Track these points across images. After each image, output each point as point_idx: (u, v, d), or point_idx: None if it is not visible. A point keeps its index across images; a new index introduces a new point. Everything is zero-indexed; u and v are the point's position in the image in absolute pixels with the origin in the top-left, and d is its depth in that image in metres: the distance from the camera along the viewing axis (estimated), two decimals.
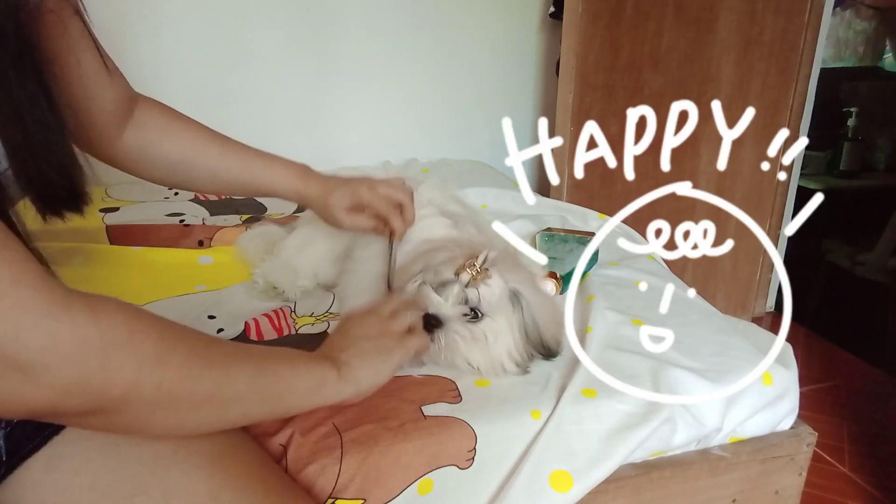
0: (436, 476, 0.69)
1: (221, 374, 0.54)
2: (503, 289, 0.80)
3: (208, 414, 0.54)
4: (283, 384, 0.61)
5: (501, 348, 0.80)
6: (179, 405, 0.51)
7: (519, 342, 0.81)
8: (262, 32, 1.83)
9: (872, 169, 2.82)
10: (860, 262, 2.25)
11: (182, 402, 0.51)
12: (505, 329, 0.80)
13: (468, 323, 0.79)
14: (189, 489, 0.54)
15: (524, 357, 0.82)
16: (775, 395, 0.84)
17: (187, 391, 0.51)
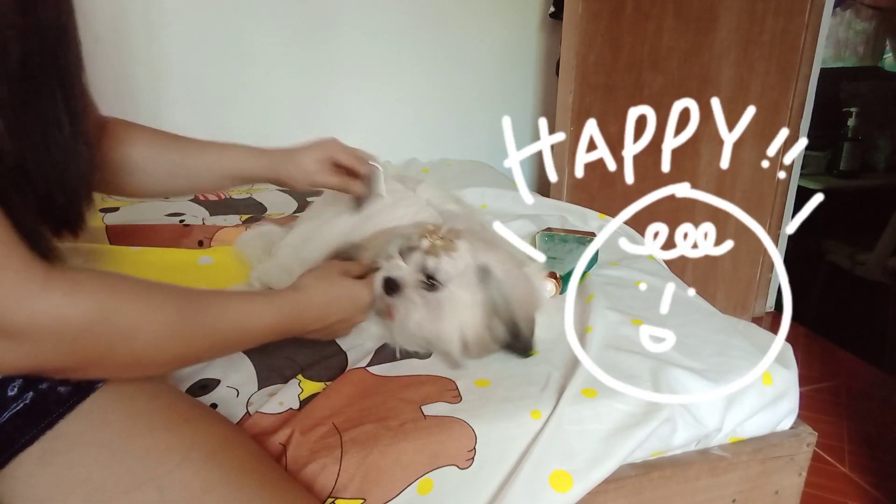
0: (435, 476, 0.69)
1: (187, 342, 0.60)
2: (468, 262, 0.80)
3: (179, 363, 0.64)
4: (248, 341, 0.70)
5: (455, 322, 0.79)
6: (153, 365, 0.58)
7: (479, 321, 0.80)
8: (262, 32, 1.83)
9: (872, 169, 2.81)
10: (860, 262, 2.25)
11: (155, 363, 0.58)
12: (465, 303, 0.79)
13: (425, 290, 0.79)
14: (183, 483, 0.54)
15: (484, 339, 0.80)
16: (775, 395, 0.84)
17: (160, 356, 0.58)
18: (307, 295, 0.74)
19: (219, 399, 0.75)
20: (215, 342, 0.64)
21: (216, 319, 0.63)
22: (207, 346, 0.64)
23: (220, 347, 0.67)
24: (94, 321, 0.50)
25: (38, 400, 0.57)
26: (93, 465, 0.54)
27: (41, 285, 0.48)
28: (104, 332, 0.51)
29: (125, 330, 0.53)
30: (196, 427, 0.60)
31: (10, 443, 0.54)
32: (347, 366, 0.83)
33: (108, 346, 0.52)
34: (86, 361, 0.52)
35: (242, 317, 0.66)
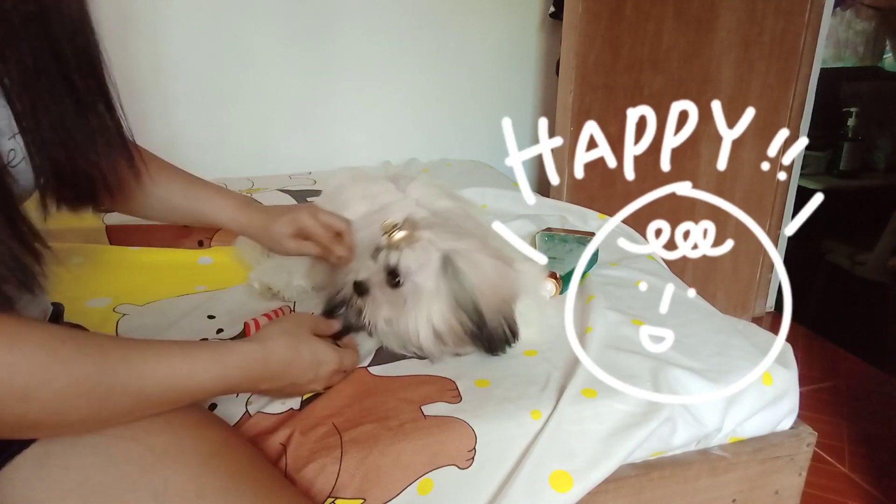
0: (435, 476, 0.69)
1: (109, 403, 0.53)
2: (430, 253, 0.78)
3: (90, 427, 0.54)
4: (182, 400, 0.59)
5: (422, 315, 0.78)
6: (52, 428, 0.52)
7: (447, 312, 0.78)
8: (262, 32, 1.83)
9: (872, 169, 2.81)
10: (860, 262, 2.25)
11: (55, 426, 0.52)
12: (429, 295, 0.78)
13: (388, 287, 0.79)
14: (178, 487, 0.54)
15: (456, 331, 0.79)
16: (775, 395, 0.84)
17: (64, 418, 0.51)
18: (266, 350, 0.66)
19: (218, 399, 0.75)
20: (138, 403, 0.55)
21: (137, 379, 0.54)
22: (128, 408, 0.55)
23: (145, 408, 0.57)
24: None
25: None
26: (89, 469, 0.54)
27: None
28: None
29: (19, 388, 0.46)
30: (193, 431, 0.60)
31: (7, 446, 0.54)
32: None
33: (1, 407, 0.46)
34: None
35: (176, 377, 0.57)
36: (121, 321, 0.95)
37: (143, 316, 0.97)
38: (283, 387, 0.70)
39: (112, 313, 0.97)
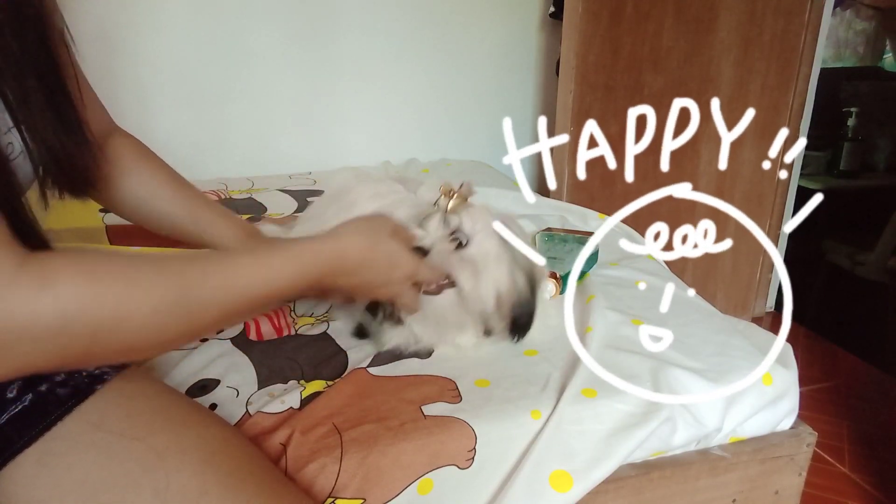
0: (435, 476, 0.69)
1: (195, 317, 0.54)
2: (489, 217, 0.77)
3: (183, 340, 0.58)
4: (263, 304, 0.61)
5: (490, 278, 0.78)
6: (149, 348, 0.53)
7: (506, 273, 0.78)
8: (262, 32, 1.83)
9: (872, 169, 2.81)
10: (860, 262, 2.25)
11: (152, 345, 0.53)
12: (494, 255, 0.78)
13: (455, 250, 0.78)
14: (180, 486, 0.54)
15: (511, 293, 0.79)
16: (775, 395, 0.84)
17: (157, 338, 0.52)
18: (341, 245, 0.65)
19: (218, 399, 0.75)
20: (222, 312, 0.57)
21: (218, 290, 0.55)
22: (214, 318, 0.57)
23: (230, 317, 0.58)
24: (71, 315, 0.45)
25: (36, 402, 0.57)
26: (90, 468, 0.54)
27: (11, 278, 0.43)
28: (85, 324, 0.46)
29: (109, 319, 0.48)
30: (194, 429, 0.60)
31: (9, 444, 0.54)
32: (348, 365, 0.83)
33: (91, 338, 0.47)
34: (69, 357, 0.48)
35: (255, 283, 0.58)
36: None
37: None
38: (357, 284, 0.68)
39: None
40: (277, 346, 0.88)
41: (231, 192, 1.58)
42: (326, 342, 0.89)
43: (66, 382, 0.59)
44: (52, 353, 0.46)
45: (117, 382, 0.62)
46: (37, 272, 0.44)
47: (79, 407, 0.58)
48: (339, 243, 0.65)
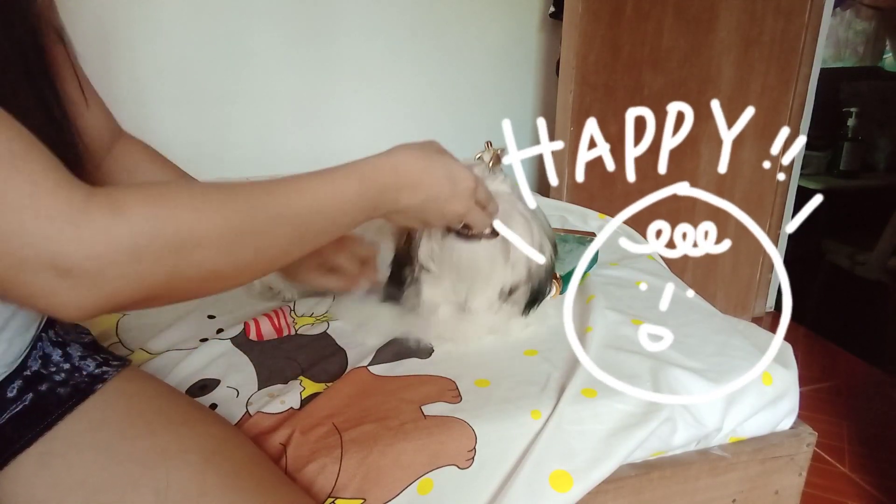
0: (436, 476, 0.69)
1: (262, 236, 0.52)
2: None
3: (265, 265, 0.55)
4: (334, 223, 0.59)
5: (536, 228, 0.80)
6: (235, 272, 0.52)
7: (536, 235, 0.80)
8: (261, 32, 1.83)
9: (872, 169, 2.82)
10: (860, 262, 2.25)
11: (237, 268, 0.51)
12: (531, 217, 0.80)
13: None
14: (180, 486, 0.54)
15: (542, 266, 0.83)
16: (775, 395, 0.84)
17: (238, 259, 0.51)
18: (394, 159, 0.63)
19: (218, 399, 0.75)
20: (294, 231, 0.55)
21: (286, 207, 0.54)
22: (287, 238, 0.55)
23: (303, 237, 0.57)
24: (147, 238, 0.44)
25: (37, 401, 0.57)
26: (90, 467, 0.54)
27: (82, 209, 0.42)
28: (161, 248, 0.45)
29: (184, 240, 0.46)
30: (194, 429, 0.60)
31: (9, 444, 0.55)
32: (348, 365, 0.83)
33: (172, 262, 0.46)
34: (157, 286, 0.46)
35: (322, 197, 0.56)
36: (121, 321, 0.95)
37: (142, 316, 0.97)
38: (423, 200, 0.65)
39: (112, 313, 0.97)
40: (277, 346, 0.88)
41: None
42: (326, 342, 0.89)
43: (66, 382, 0.59)
44: (136, 281, 0.45)
45: (117, 382, 0.62)
46: (106, 202, 0.43)
47: (79, 406, 0.58)
48: (392, 157, 0.63)
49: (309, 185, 0.56)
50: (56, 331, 0.64)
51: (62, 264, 0.41)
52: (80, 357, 0.63)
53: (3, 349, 0.56)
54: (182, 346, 0.87)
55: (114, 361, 0.65)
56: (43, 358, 0.61)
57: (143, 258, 0.44)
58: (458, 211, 0.69)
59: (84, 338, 0.68)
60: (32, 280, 0.41)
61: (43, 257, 0.40)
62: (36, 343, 0.61)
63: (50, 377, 0.59)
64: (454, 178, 0.67)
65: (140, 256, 0.44)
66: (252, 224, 0.51)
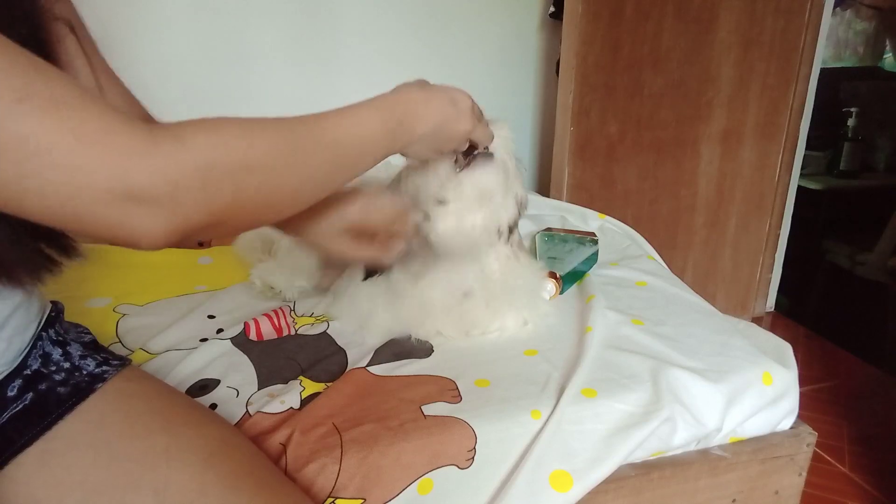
0: (435, 476, 0.69)
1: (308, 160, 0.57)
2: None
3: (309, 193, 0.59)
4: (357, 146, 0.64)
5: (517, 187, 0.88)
6: (282, 198, 0.55)
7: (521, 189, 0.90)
8: (261, 32, 1.83)
9: (872, 169, 2.81)
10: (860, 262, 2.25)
11: (283, 194, 0.55)
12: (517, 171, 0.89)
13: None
14: (179, 486, 0.54)
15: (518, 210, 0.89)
16: (775, 395, 0.84)
17: (284, 185, 0.55)
18: (397, 93, 0.68)
19: (219, 399, 0.76)
20: (333, 157, 0.60)
21: (323, 135, 0.60)
22: (328, 165, 0.60)
23: (341, 164, 0.61)
24: (211, 163, 0.48)
25: (37, 401, 0.57)
26: (90, 467, 0.54)
27: (150, 140, 0.45)
28: (223, 172, 0.49)
29: (241, 164, 0.50)
30: (194, 429, 0.60)
31: (10, 444, 0.54)
32: (348, 365, 0.83)
33: (234, 185, 0.49)
34: (223, 209, 0.49)
35: (349, 126, 0.62)
36: (121, 321, 0.95)
37: (143, 316, 0.97)
38: (435, 128, 0.70)
39: (112, 313, 0.97)
40: (277, 346, 0.88)
41: None
42: (326, 342, 0.89)
43: (66, 381, 0.59)
44: (205, 204, 0.48)
45: (117, 382, 0.62)
46: (169, 133, 0.46)
47: (79, 406, 0.58)
48: (398, 94, 0.68)
49: (338, 117, 0.62)
50: (56, 330, 0.64)
51: (139, 193, 0.43)
52: (81, 356, 0.63)
53: (3, 348, 0.56)
54: (182, 346, 0.87)
55: (114, 361, 0.65)
56: (43, 357, 0.61)
57: (210, 182, 0.47)
58: (466, 128, 0.74)
59: (84, 337, 0.68)
60: (112, 212, 0.43)
61: (120, 188, 0.43)
62: (36, 342, 0.61)
63: (50, 376, 0.59)
64: (454, 100, 0.73)
65: (207, 180, 0.47)
66: (297, 149, 0.56)
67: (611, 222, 1.37)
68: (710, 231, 1.99)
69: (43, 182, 0.41)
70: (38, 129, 0.40)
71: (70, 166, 0.41)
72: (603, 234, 1.29)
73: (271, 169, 0.53)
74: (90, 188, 0.42)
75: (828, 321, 2.22)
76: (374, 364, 0.83)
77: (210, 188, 0.48)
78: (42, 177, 0.40)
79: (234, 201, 0.50)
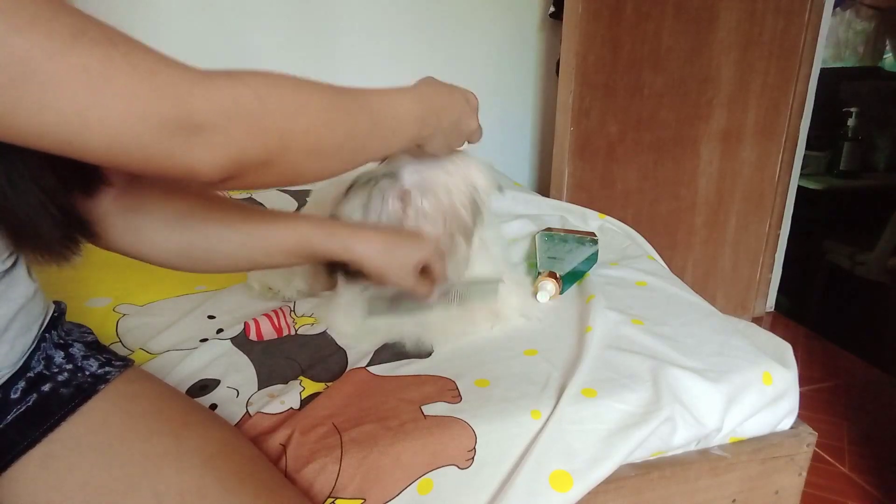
0: (435, 476, 0.69)
1: (350, 119, 0.58)
2: None
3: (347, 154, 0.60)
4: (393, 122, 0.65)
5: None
6: (323, 149, 0.56)
7: None
8: (261, 32, 1.83)
9: (872, 169, 2.81)
10: (860, 262, 2.25)
11: (325, 145, 0.56)
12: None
13: None
14: (180, 488, 0.54)
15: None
16: (775, 395, 0.84)
17: (327, 136, 0.56)
18: (431, 84, 0.71)
19: (219, 399, 0.76)
20: (373, 124, 0.62)
21: (364, 101, 0.61)
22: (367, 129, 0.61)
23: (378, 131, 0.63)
24: (264, 98, 0.50)
25: (40, 402, 0.57)
26: (92, 469, 0.54)
27: (205, 75, 0.48)
28: (276, 107, 0.51)
29: (292, 104, 0.53)
30: (194, 431, 0.60)
31: (13, 446, 0.55)
32: (348, 365, 0.83)
33: (284, 124, 0.51)
34: (273, 148, 0.51)
35: (386, 100, 0.64)
36: (121, 321, 0.95)
37: (143, 316, 0.97)
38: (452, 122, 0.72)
39: (112, 313, 0.97)
40: (277, 346, 0.88)
41: (231, 191, 1.58)
42: (326, 342, 0.89)
43: (69, 382, 0.60)
44: (259, 137, 0.49)
45: (119, 384, 0.62)
46: (223, 72, 0.49)
47: (81, 407, 0.58)
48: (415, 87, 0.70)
49: (379, 94, 0.63)
50: (58, 332, 0.64)
51: (196, 121, 0.45)
52: (83, 357, 0.63)
53: (6, 350, 0.56)
54: (182, 346, 0.87)
55: (116, 362, 0.65)
56: (46, 359, 0.61)
57: (263, 116, 0.49)
58: (474, 126, 0.76)
59: (87, 337, 0.68)
60: (169, 141, 0.44)
61: (178, 115, 0.44)
62: (39, 344, 0.61)
63: (53, 378, 0.59)
64: (466, 97, 0.75)
65: (260, 114, 0.49)
66: (342, 106, 0.58)
67: (611, 222, 1.37)
68: (710, 231, 2.00)
69: (105, 113, 0.41)
70: (95, 61, 0.41)
71: (129, 95, 0.42)
72: (603, 234, 1.29)
73: (317, 117, 0.55)
74: (149, 116, 0.43)
75: (828, 321, 2.22)
76: (374, 364, 0.83)
77: (264, 122, 0.49)
78: (104, 106, 0.41)
79: (283, 140, 0.51)
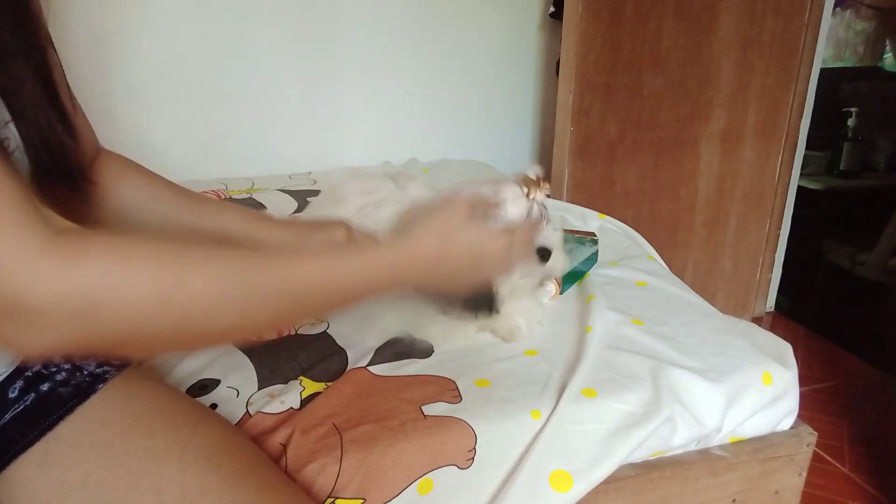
0: (435, 476, 0.69)
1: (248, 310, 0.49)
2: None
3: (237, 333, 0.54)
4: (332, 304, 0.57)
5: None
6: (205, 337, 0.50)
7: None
8: (262, 32, 1.83)
9: (872, 169, 2.81)
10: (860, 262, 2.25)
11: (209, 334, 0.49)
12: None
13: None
14: (180, 486, 0.54)
15: None
16: (775, 395, 0.84)
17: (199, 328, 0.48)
18: (412, 249, 0.62)
19: (219, 399, 0.75)
20: (279, 310, 0.52)
21: (276, 283, 0.51)
22: (269, 315, 0.52)
23: (286, 315, 0.56)
24: (101, 295, 0.42)
25: (39, 401, 0.57)
26: (92, 467, 0.54)
27: (38, 252, 0.40)
28: (118, 307, 0.43)
29: (146, 303, 0.44)
30: (195, 429, 0.60)
31: (11, 444, 0.55)
32: (348, 365, 0.83)
33: (127, 322, 0.44)
34: (115, 340, 0.44)
35: (320, 280, 0.54)
36: None
37: None
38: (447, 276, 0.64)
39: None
40: (277, 346, 0.88)
41: (231, 191, 1.58)
42: (326, 342, 0.89)
43: (67, 382, 0.60)
44: (84, 333, 0.43)
45: (118, 382, 0.62)
46: (66, 249, 0.42)
47: (80, 406, 0.58)
48: (409, 247, 0.62)
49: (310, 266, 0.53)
50: None
51: (8, 307, 0.40)
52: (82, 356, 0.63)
53: (3, 348, 0.56)
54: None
55: (115, 361, 0.65)
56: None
57: (96, 315, 0.42)
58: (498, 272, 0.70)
59: None
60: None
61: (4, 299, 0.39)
62: None
63: (51, 377, 0.59)
64: (479, 254, 0.65)
65: (92, 313, 0.42)
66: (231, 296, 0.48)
67: (611, 222, 1.37)
68: (710, 231, 1.99)
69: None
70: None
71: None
72: (603, 234, 1.29)
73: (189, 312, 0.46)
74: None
75: (828, 321, 2.22)
76: (375, 364, 0.83)
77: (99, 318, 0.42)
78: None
79: (132, 335, 0.45)
